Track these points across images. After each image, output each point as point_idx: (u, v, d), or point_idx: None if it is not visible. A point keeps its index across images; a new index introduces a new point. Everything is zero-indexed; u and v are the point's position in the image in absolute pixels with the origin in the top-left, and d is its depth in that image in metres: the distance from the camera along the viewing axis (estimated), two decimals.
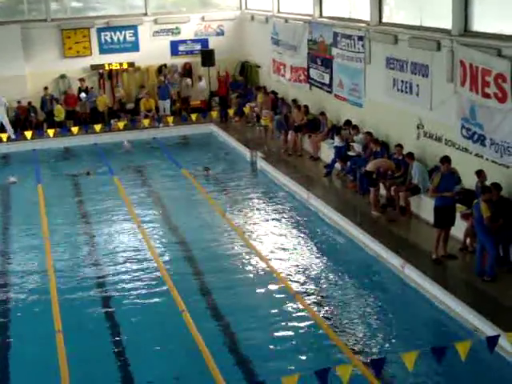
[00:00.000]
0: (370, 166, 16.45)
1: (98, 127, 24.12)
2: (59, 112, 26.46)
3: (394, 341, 11.48)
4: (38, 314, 12.81)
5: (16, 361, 11.32)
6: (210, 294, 13.44)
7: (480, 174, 13.73)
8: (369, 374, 9.95)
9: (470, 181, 14.04)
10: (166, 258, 15.15)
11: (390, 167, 16.33)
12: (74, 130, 24.10)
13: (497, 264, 12.53)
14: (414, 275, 13.22)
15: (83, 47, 27.94)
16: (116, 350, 11.52)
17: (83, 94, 27.20)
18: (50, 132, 24.17)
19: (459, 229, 13.90)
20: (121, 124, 25.04)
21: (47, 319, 12.34)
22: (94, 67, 28.11)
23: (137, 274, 14.28)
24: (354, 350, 11.07)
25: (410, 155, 16.04)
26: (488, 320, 11.06)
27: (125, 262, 14.94)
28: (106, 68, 28.18)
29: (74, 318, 12.52)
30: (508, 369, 10.40)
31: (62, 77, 27.75)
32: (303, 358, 11.01)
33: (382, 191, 16.69)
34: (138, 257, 15.20)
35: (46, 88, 26.83)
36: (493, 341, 9.41)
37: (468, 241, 13.88)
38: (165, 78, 27.74)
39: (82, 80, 27.52)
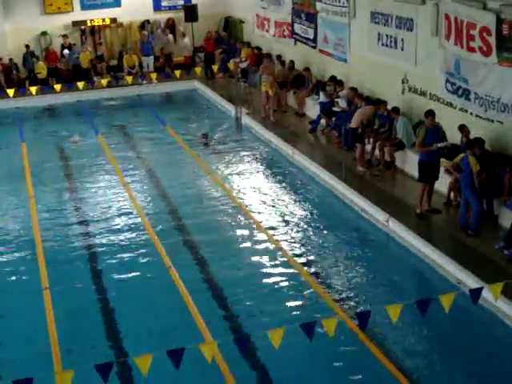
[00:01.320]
0: (353, 123, 16.37)
1: (80, 84, 23.84)
2: (41, 69, 26.11)
3: (378, 294, 11.62)
4: (24, 272, 12.82)
5: (3, 318, 11.34)
6: (195, 249, 13.49)
7: (462, 128, 13.78)
8: (354, 326, 10.12)
9: (454, 135, 14.07)
10: (152, 215, 15.15)
11: (370, 113, 16.21)
12: (57, 87, 23.81)
13: (481, 218, 12.65)
14: (398, 229, 13.33)
15: (64, 3, 27.46)
16: (103, 305, 11.58)
17: (66, 51, 26.83)
18: (33, 89, 23.86)
19: (443, 183, 13.99)
20: (104, 81, 24.76)
21: (34, 276, 12.42)
22: (76, 24, 27.69)
23: (123, 231, 14.30)
24: (339, 303, 11.21)
25: (395, 110, 16.03)
26: (471, 273, 11.21)
27: (111, 220, 14.94)
28: (89, 24, 27.79)
29: (61, 274, 12.58)
30: (491, 320, 10.58)
31: (43, 34, 27.34)
32: (289, 311, 11.11)
33: (368, 146, 16.70)
34: (124, 214, 15.20)
35: (27, 46, 26.43)
36: (476, 293, 9.51)
37: (452, 195, 13.97)
38: (149, 34, 27.39)
39: (64, 36, 27.12)
